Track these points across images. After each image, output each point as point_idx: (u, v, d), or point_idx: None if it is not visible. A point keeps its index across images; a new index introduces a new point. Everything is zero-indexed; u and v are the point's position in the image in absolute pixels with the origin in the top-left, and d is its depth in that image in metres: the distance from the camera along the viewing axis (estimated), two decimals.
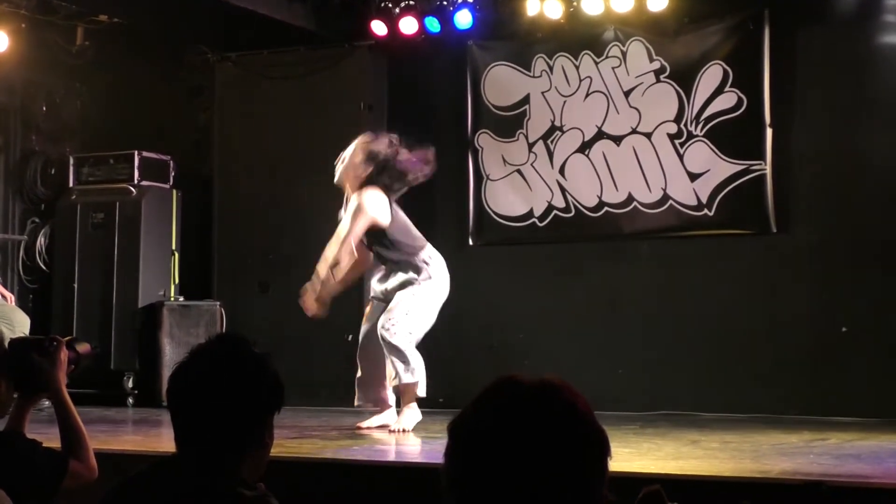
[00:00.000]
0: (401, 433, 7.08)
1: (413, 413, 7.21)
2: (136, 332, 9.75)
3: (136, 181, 9.99)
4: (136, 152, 10.04)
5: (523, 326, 9.16)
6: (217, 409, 2.61)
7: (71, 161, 10.29)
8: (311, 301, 7.36)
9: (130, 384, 9.70)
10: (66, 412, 3.78)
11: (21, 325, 8.93)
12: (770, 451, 6.10)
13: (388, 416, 7.36)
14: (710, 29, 8.75)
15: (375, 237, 7.33)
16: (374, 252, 7.46)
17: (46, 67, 10.43)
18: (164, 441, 6.49)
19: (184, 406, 2.66)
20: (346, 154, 7.39)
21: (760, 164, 8.54)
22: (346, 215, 7.31)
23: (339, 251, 7.27)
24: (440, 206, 9.63)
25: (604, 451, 1.76)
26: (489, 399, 1.76)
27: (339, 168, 7.41)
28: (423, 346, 9.52)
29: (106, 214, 9.98)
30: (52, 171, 10.52)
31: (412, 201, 9.64)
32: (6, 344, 3.91)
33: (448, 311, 9.46)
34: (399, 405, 7.32)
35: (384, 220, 7.27)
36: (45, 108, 10.63)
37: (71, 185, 10.24)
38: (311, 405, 7.83)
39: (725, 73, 8.65)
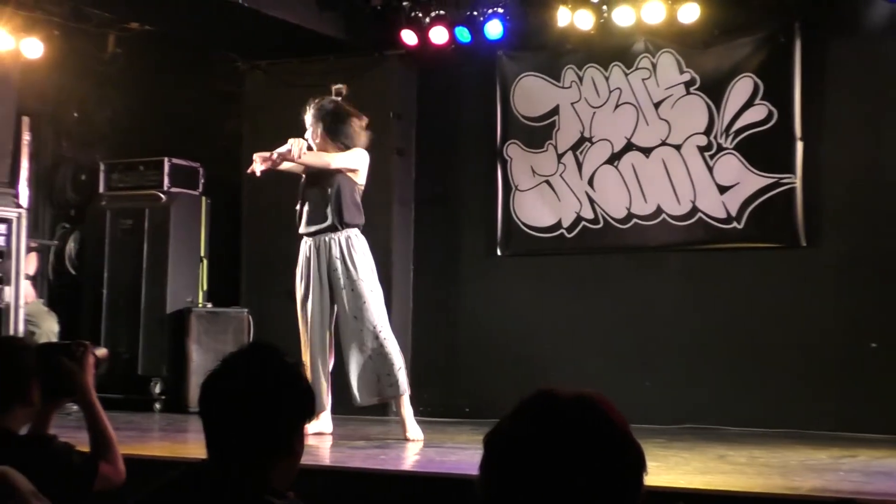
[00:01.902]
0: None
1: None
2: (164, 338, 9.78)
3: (165, 188, 10.02)
4: (165, 159, 10.08)
5: (550, 337, 9.15)
6: (249, 417, 2.61)
7: (101, 167, 10.34)
8: (261, 157, 7.33)
9: (158, 390, 9.73)
10: (96, 416, 3.80)
11: (48, 333, 9.00)
12: (799, 468, 6.06)
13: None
14: (741, 41, 8.72)
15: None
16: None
17: (78, 74, 10.48)
18: (191, 447, 6.50)
19: (216, 413, 2.66)
20: (307, 136, 7.43)
21: (790, 178, 8.51)
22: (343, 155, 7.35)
23: (312, 161, 7.32)
24: (469, 216, 9.64)
25: (640, 467, 1.75)
26: (526, 412, 1.75)
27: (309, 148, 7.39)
28: (447, 355, 9.55)
29: (135, 220, 10.02)
30: (83, 177, 10.58)
31: (441, 212, 9.69)
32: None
33: (475, 321, 9.50)
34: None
35: (361, 178, 7.45)
36: (76, 115, 10.70)
37: (101, 191, 10.28)
38: (340, 413, 7.81)
39: (756, 86, 8.63)
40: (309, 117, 7.48)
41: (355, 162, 7.39)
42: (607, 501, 1.69)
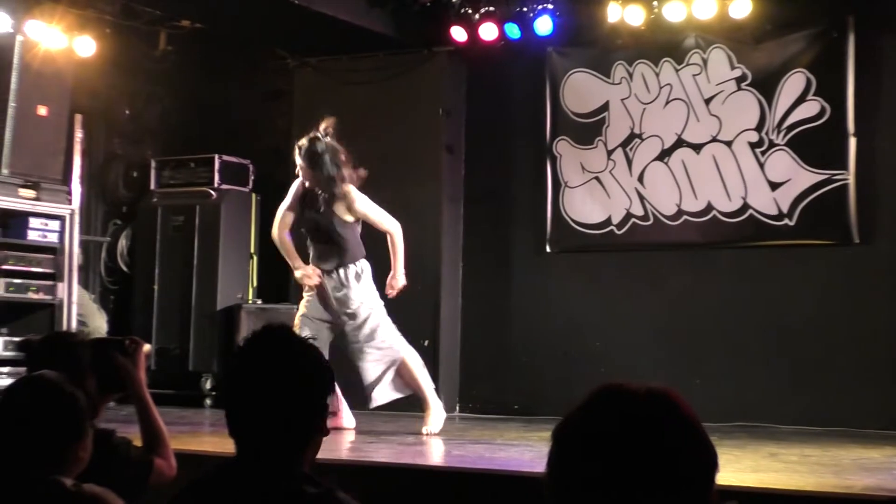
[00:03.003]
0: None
1: None
2: (214, 334, 9.84)
3: (215, 185, 10.08)
4: (216, 156, 10.14)
5: (599, 334, 9.12)
6: (278, 402, 2.59)
7: (152, 164, 10.42)
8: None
9: (208, 385, 9.79)
10: (148, 411, 3.83)
11: (97, 330, 9.06)
12: (852, 466, 6.01)
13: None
14: (793, 36, 8.65)
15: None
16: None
17: (130, 72, 10.55)
18: None
19: (244, 404, 2.63)
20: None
21: (843, 174, 8.44)
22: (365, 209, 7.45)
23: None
24: (518, 213, 9.62)
25: (712, 463, 1.72)
26: (596, 406, 1.72)
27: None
28: (497, 353, 9.55)
29: (186, 217, 10.09)
30: (134, 174, 10.66)
31: (490, 208, 9.68)
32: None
33: (523, 318, 9.49)
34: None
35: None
36: (127, 112, 10.77)
37: (152, 188, 10.36)
38: (387, 410, 7.82)
39: (808, 81, 8.56)
40: (301, 160, 7.46)
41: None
42: (679, 498, 1.67)
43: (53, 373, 3.12)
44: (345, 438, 7.01)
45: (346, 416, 7.50)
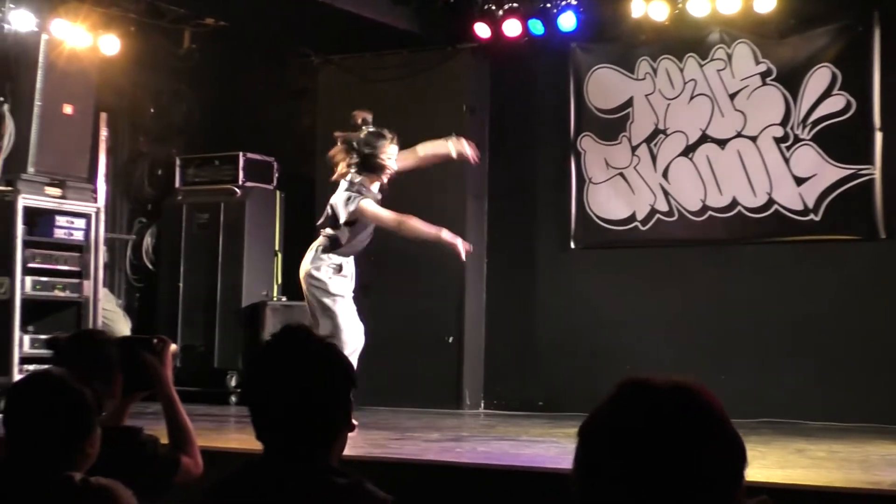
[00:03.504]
0: None
1: None
2: (239, 331, 9.86)
3: (240, 182, 10.10)
4: (240, 154, 10.16)
5: (624, 331, 9.10)
6: (304, 399, 2.60)
7: (177, 162, 10.45)
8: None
9: (233, 383, 9.81)
10: (175, 409, 3.84)
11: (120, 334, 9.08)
12: (880, 462, 5.98)
13: None
14: (818, 31, 8.61)
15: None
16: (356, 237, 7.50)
17: (154, 70, 10.59)
18: None
19: (269, 404, 2.65)
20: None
21: (869, 169, 8.40)
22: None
23: (392, 221, 7.40)
24: (542, 209, 9.61)
25: (741, 458, 1.70)
26: (621, 402, 1.71)
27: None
28: (521, 349, 9.54)
29: (211, 215, 10.11)
30: (159, 172, 10.69)
31: (514, 205, 9.67)
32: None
33: (548, 315, 9.48)
34: None
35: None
36: (152, 110, 10.80)
37: (177, 185, 10.39)
38: (412, 406, 7.84)
39: (833, 76, 8.52)
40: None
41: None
42: (707, 493, 1.66)
43: (59, 369, 3.13)
44: (369, 435, 7.02)
45: None
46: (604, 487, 1.66)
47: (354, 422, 2.68)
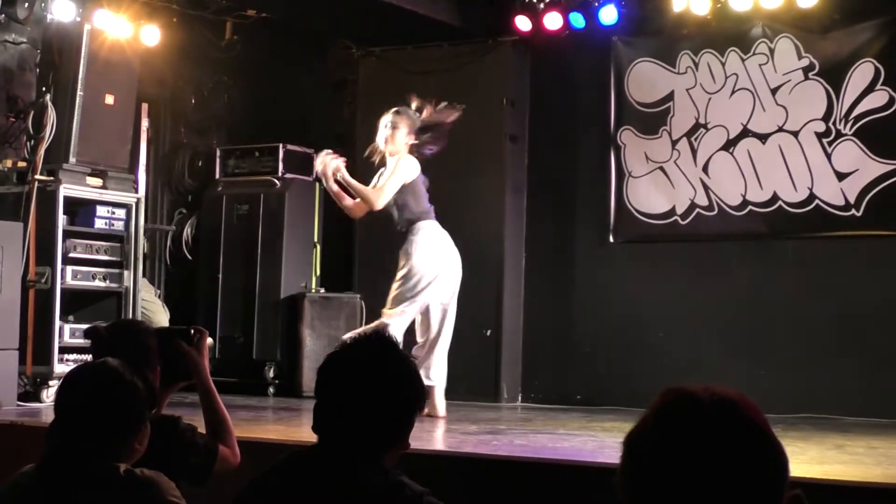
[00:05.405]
0: None
1: None
2: (277, 322, 9.89)
3: (280, 174, 10.13)
4: (280, 145, 10.18)
5: (663, 325, 9.08)
6: (368, 405, 2.63)
7: (217, 153, 10.48)
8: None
9: (272, 374, 9.84)
10: (213, 400, 3.86)
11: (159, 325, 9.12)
12: None
13: None
14: (861, 26, 8.55)
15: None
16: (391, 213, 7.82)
17: (196, 61, 10.63)
18: (304, 431, 6.56)
19: (336, 397, 2.67)
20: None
21: None
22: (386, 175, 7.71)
23: (363, 194, 7.77)
24: (581, 203, 9.59)
25: (784, 469, 1.72)
26: (664, 415, 1.73)
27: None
28: (559, 343, 9.52)
29: (250, 206, 10.14)
30: (200, 163, 10.73)
31: (553, 198, 9.65)
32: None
33: (586, 309, 9.46)
34: None
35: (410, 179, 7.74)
36: (193, 101, 10.85)
37: (217, 176, 10.42)
38: (451, 399, 7.84)
39: (877, 71, 8.46)
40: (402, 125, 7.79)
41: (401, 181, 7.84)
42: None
43: (116, 360, 3.14)
44: None
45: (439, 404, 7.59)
46: (649, 498, 1.69)
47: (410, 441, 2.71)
